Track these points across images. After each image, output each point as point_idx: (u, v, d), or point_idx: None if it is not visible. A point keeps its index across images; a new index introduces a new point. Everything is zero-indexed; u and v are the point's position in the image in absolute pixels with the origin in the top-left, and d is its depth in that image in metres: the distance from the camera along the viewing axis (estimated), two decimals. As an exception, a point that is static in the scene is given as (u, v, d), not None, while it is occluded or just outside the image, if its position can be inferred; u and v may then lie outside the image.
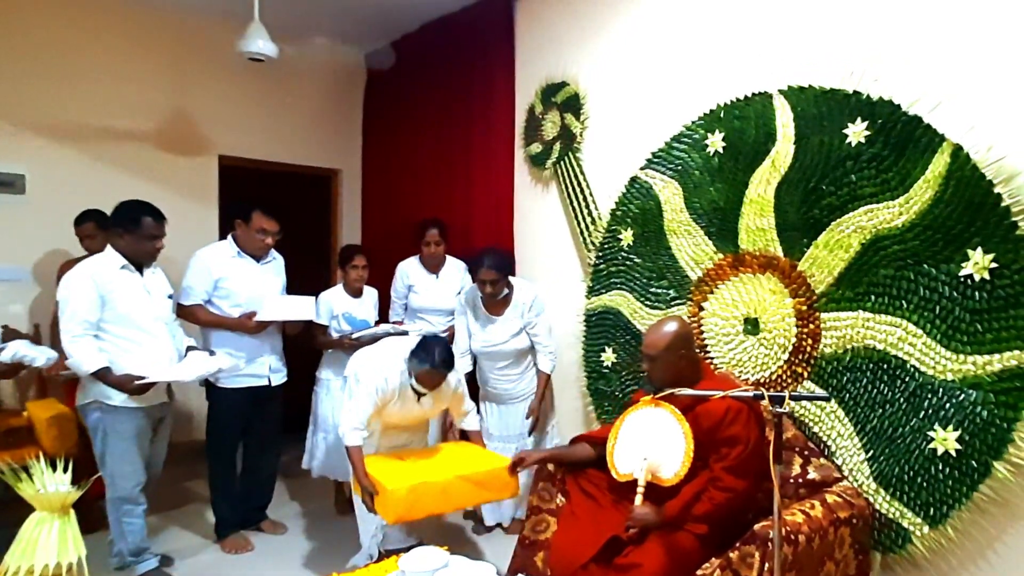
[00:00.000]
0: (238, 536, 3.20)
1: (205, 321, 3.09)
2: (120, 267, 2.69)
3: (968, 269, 2.13)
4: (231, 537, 3.18)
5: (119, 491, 2.70)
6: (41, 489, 1.59)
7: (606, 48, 3.41)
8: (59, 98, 3.91)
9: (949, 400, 2.17)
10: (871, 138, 2.36)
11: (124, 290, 2.68)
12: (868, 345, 2.38)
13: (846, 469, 2.42)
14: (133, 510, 2.74)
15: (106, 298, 2.63)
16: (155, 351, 2.74)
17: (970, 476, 2.12)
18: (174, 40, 4.30)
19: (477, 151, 4.08)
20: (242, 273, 3.14)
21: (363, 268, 3.47)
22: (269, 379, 3.21)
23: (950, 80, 2.21)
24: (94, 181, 3.95)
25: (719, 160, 2.84)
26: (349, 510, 3.62)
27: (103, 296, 2.62)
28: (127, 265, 2.71)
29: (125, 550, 2.74)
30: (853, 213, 2.40)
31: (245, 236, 3.15)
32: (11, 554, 1.56)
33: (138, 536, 2.76)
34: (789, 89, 2.61)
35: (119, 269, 2.69)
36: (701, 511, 2.15)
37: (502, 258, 3.19)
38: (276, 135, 4.79)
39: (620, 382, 3.25)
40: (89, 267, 2.66)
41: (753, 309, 2.73)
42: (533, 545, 2.52)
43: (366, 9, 4.24)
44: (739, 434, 2.16)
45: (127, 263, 2.71)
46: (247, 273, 3.15)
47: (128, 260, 2.72)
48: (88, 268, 2.65)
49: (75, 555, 1.60)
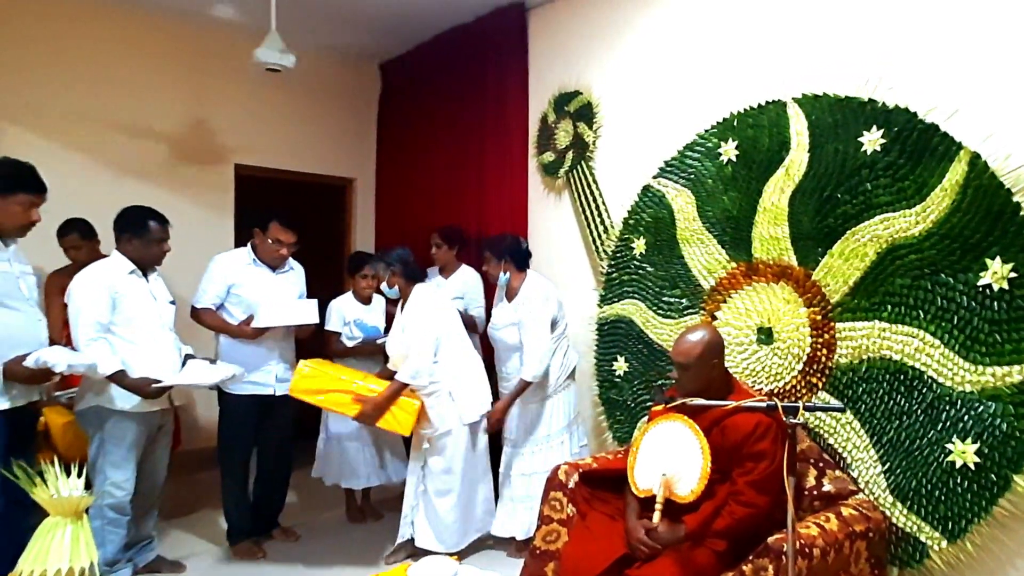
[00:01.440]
0: (250, 543, 3.20)
1: (210, 325, 3.11)
2: (129, 272, 2.73)
3: (987, 279, 2.10)
4: (243, 544, 3.18)
5: (109, 499, 2.67)
6: (55, 494, 1.60)
7: (619, 57, 3.41)
8: (76, 105, 3.96)
9: (968, 412, 2.13)
10: (887, 146, 2.34)
11: (133, 294, 2.71)
12: (884, 355, 2.35)
13: (862, 481, 2.38)
14: (119, 520, 2.71)
15: (116, 301, 2.66)
16: (159, 355, 2.75)
17: (989, 490, 2.08)
18: (192, 50, 4.36)
19: (490, 160, 4.09)
20: (256, 281, 3.14)
21: (372, 277, 3.47)
22: (274, 388, 3.15)
23: (967, 88, 2.19)
24: (110, 188, 3.99)
25: (732, 168, 2.83)
26: (361, 518, 3.63)
27: (114, 299, 2.65)
28: (135, 270, 2.75)
29: (101, 559, 2.70)
30: (869, 222, 2.38)
31: (262, 245, 3.17)
32: (25, 558, 1.56)
33: (117, 547, 2.72)
34: (803, 97, 2.59)
35: (128, 274, 2.72)
36: (721, 526, 2.11)
37: (494, 241, 3.32)
38: (291, 144, 4.83)
39: (632, 391, 3.23)
40: (100, 271, 2.69)
41: (767, 318, 2.70)
42: (544, 555, 2.50)
43: (381, 20, 4.28)
44: (766, 450, 2.12)
45: (135, 268, 2.75)
46: (261, 281, 3.15)
47: (135, 265, 2.75)
48: (99, 272, 2.69)
49: (87, 560, 1.60)
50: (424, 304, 3.07)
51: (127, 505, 2.72)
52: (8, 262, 2.41)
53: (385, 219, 5.14)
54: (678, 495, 2.17)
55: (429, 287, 3.27)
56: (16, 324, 2.39)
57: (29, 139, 3.82)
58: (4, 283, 2.37)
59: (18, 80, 3.79)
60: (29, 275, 2.50)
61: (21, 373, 2.31)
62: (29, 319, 2.44)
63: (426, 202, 4.59)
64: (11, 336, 2.35)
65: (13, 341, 2.35)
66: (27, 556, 1.57)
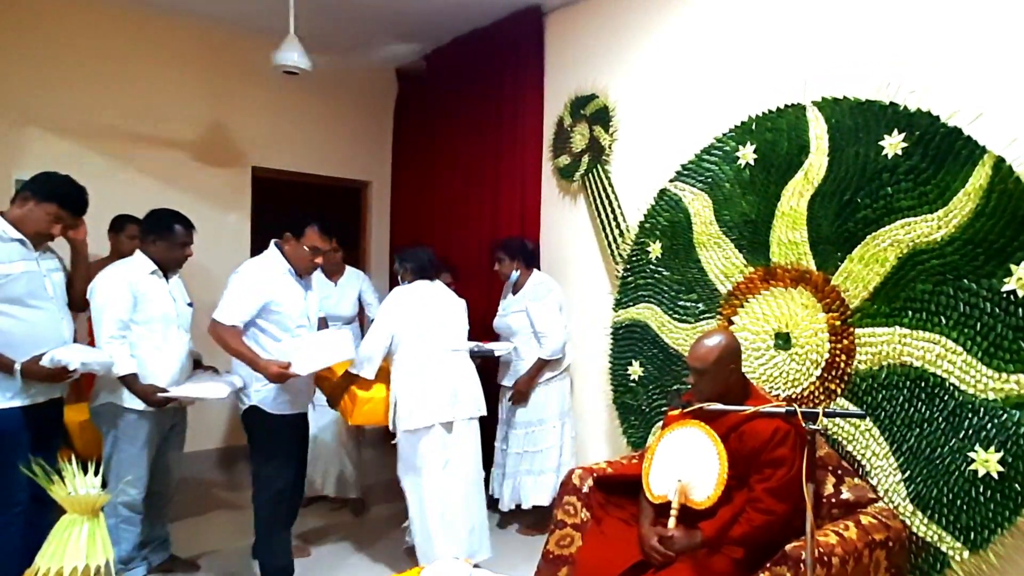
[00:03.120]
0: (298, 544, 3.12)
1: (233, 349, 2.61)
2: (150, 272, 2.75)
3: (1011, 285, 2.06)
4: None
5: (123, 496, 2.68)
6: (72, 492, 1.61)
7: (635, 60, 3.40)
8: (94, 106, 4.01)
9: (991, 420, 2.09)
10: (908, 150, 2.31)
11: (153, 294, 2.73)
12: (905, 362, 2.32)
13: (881, 490, 2.35)
14: (132, 518, 2.72)
15: (137, 300, 2.68)
16: (171, 357, 2.76)
17: (1013, 499, 2.04)
18: (211, 53, 4.41)
19: (506, 163, 4.09)
20: (295, 295, 2.79)
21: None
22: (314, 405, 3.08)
23: (991, 91, 2.16)
24: (128, 189, 4.03)
25: (750, 172, 2.81)
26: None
27: (135, 297, 2.68)
28: (156, 270, 2.77)
29: (115, 557, 2.72)
30: (889, 226, 2.34)
31: (295, 251, 2.77)
32: (42, 555, 1.57)
33: (132, 544, 2.74)
34: (823, 101, 2.57)
35: (148, 274, 2.75)
36: (738, 533, 2.08)
37: (508, 243, 3.59)
38: (308, 147, 4.86)
39: (647, 396, 3.21)
40: (122, 269, 2.72)
41: (784, 324, 2.68)
42: (557, 560, 2.48)
43: (398, 24, 4.30)
44: (785, 456, 2.10)
45: (156, 268, 2.77)
46: (297, 294, 2.81)
47: (157, 266, 2.77)
48: (121, 270, 2.72)
49: (103, 558, 1.61)
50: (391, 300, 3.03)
51: (140, 503, 2.74)
52: (35, 261, 2.45)
53: (401, 222, 5.16)
54: (694, 501, 2.14)
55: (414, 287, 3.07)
56: (40, 322, 2.43)
57: (50, 142, 3.87)
58: (30, 282, 2.41)
59: (39, 84, 3.84)
60: (56, 271, 2.55)
61: (39, 372, 2.35)
62: (53, 318, 2.48)
63: (441, 205, 4.60)
64: (35, 334, 2.40)
65: (37, 339, 2.39)
66: (44, 553, 1.58)
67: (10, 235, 2.37)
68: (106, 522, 2.69)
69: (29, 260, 2.42)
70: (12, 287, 2.35)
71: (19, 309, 2.37)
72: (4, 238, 2.36)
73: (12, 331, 2.35)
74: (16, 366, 2.32)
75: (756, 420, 2.12)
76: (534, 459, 3.43)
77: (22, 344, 2.35)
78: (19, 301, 2.37)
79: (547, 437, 3.44)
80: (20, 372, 2.33)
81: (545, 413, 3.45)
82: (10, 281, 2.34)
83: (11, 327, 2.35)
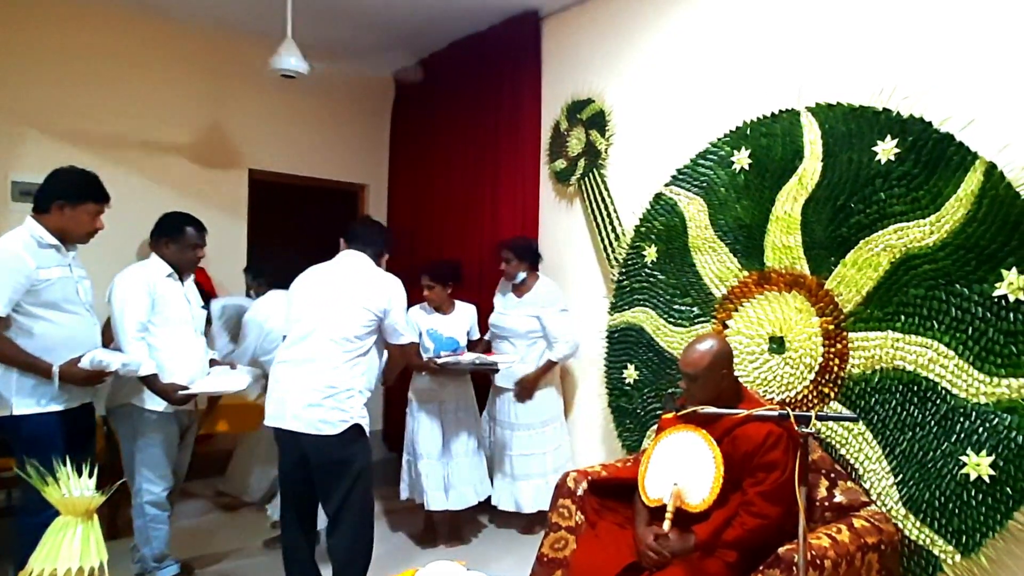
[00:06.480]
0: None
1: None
2: (166, 274, 2.77)
3: (1002, 289, 2.08)
4: None
5: (148, 496, 2.73)
6: (66, 493, 1.61)
7: (632, 65, 3.42)
8: (91, 108, 4.01)
9: (982, 424, 2.11)
10: (901, 156, 2.32)
11: (169, 296, 2.76)
12: (898, 366, 2.33)
13: (874, 493, 2.36)
14: (160, 516, 2.76)
15: (155, 301, 2.71)
16: (189, 358, 2.78)
17: (1005, 503, 2.05)
18: (209, 56, 4.41)
19: (503, 167, 4.10)
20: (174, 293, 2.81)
21: (428, 289, 3.34)
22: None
23: (983, 98, 2.18)
24: (125, 192, 4.00)
25: (745, 177, 2.82)
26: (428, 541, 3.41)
27: (153, 299, 2.70)
28: (172, 273, 2.79)
29: (149, 555, 2.76)
30: (883, 231, 2.36)
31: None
32: (35, 557, 1.57)
33: (163, 542, 2.78)
34: (817, 106, 2.58)
35: (165, 276, 2.77)
36: (732, 536, 2.09)
37: (517, 243, 3.56)
38: (305, 150, 4.87)
39: (642, 400, 3.21)
40: (140, 271, 2.74)
41: (779, 328, 2.69)
42: (551, 563, 2.49)
43: (395, 28, 4.31)
44: (778, 460, 2.11)
45: (172, 271, 2.79)
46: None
47: (172, 268, 2.79)
48: (140, 272, 2.74)
49: (97, 560, 1.61)
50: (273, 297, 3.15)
51: (166, 501, 2.77)
52: (69, 267, 2.48)
53: (397, 225, 5.14)
54: (689, 504, 2.15)
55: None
56: (75, 327, 2.46)
57: (47, 144, 3.86)
58: (64, 288, 2.44)
59: (36, 87, 3.84)
60: (85, 279, 2.59)
61: (77, 375, 2.37)
62: (86, 322, 2.51)
63: (438, 209, 4.60)
64: (71, 338, 2.43)
65: (72, 343, 2.42)
66: (38, 555, 1.57)
67: (47, 241, 2.40)
68: (135, 523, 2.75)
69: (63, 266, 2.45)
70: (50, 292, 2.37)
71: (56, 314, 2.39)
72: (43, 243, 2.38)
73: (50, 335, 2.37)
74: (54, 369, 2.33)
75: (749, 424, 2.13)
76: (538, 462, 3.44)
77: (58, 348, 2.37)
78: (55, 306, 2.39)
79: (549, 437, 3.48)
80: (58, 376, 2.34)
81: (546, 415, 3.48)
82: (48, 286, 2.36)
83: (49, 331, 2.37)
